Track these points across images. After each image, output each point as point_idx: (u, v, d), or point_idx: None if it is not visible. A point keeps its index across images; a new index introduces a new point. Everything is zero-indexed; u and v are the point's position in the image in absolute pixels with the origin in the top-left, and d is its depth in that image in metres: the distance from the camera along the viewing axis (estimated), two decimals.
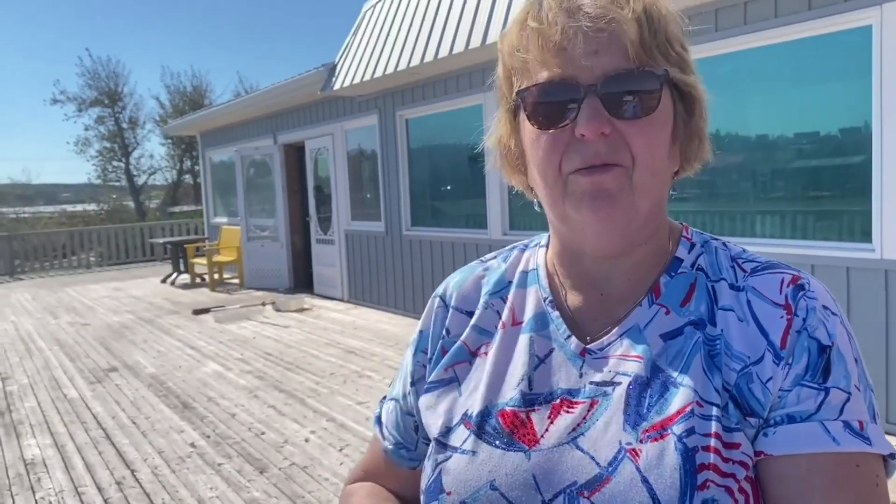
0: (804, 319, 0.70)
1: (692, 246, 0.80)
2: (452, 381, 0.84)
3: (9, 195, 36.22)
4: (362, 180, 9.81)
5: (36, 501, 3.89)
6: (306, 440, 4.60)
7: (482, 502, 0.73)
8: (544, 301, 0.83)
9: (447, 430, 0.80)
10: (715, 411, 0.68)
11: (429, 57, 7.05)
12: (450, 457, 0.77)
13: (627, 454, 0.69)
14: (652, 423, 0.69)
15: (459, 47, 6.61)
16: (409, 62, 7.33)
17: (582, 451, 0.71)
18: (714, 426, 0.67)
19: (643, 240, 0.77)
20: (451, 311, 0.89)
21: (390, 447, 0.92)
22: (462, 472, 0.75)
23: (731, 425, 0.68)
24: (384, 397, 0.97)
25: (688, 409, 0.68)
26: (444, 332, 0.88)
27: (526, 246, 0.92)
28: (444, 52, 6.82)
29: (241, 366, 6.70)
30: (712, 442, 0.67)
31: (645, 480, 0.67)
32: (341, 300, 10.21)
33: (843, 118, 4.47)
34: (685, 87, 0.73)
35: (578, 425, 0.73)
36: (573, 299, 0.81)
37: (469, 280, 0.91)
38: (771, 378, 0.69)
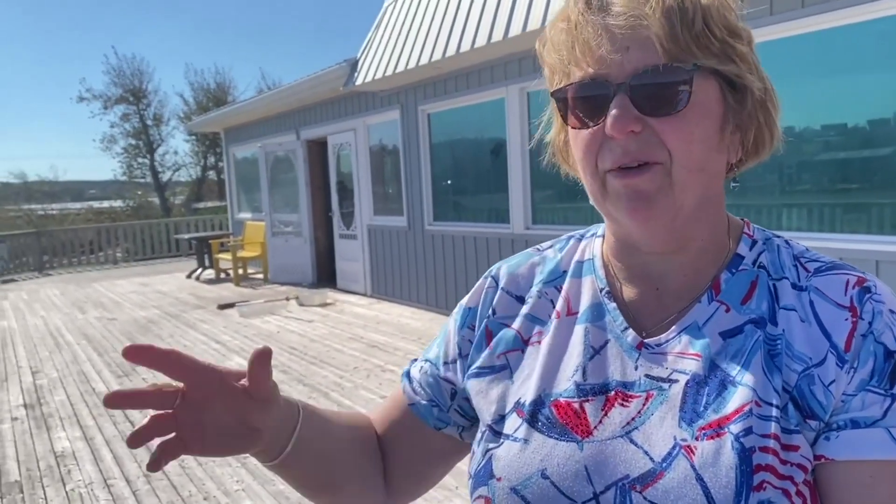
0: (870, 323, 0.69)
1: (754, 243, 0.78)
2: (504, 369, 0.83)
3: (37, 192, 36.77)
4: (384, 175, 9.83)
5: (66, 493, 3.95)
6: None
7: (532, 490, 0.73)
8: (601, 292, 0.82)
9: (500, 418, 0.80)
10: (774, 412, 0.67)
11: (450, 51, 7.04)
12: (501, 444, 0.78)
13: (682, 451, 0.68)
14: (708, 420, 0.68)
15: (481, 41, 6.60)
16: (431, 57, 7.33)
17: (636, 444, 0.71)
18: (773, 427, 0.66)
19: (697, 235, 0.76)
20: (499, 291, 0.89)
21: (423, 402, 0.91)
22: (513, 460, 0.75)
23: (790, 427, 0.67)
24: (415, 359, 0.96)
25: (746, 408, 0.67)
26: (490, 311, 0.88)
27: (582, 236, 0.90)
28: (465, 47, 6.82)
29: None
30: (770, 443, 0.65)
31: (699, 478, 0.66)
32: (364, 295, 10.25)
33: (872, 109, 4.40)
34: (734, 76, 0.71)
35: (633, 419, 0.72)
36: (628, 292, 0.80)
37: (523, 266, 0.90)
38: (833, 381, 0.67)
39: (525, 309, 0.86)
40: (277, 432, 0.78)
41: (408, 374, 0.95)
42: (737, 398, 0.68)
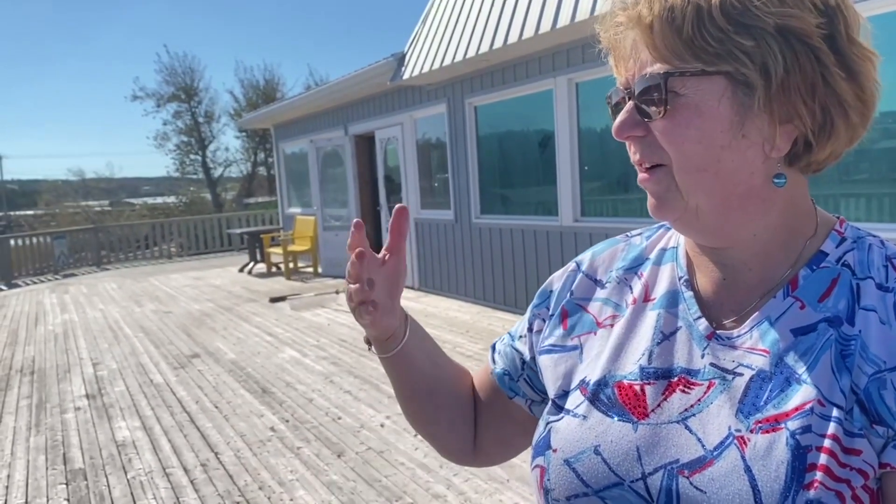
0: None
1: (842, 240, 0.76)
2: (575, 349, 0.87)
3: (94, 189, 37.86)
4: (431, 169, 9.86)
5: (128, 481, 4.08)
6: (382, 425, 4.69)
7: (584, 464, 0.76)
8: (679, 280, 0.82)
9: (564, 394, 0.84)
10: (836, 413, 0.65)
11: (498, 43, 7.02)
12: (561, 418, 0.82)
13: (735, 441, 0.68)
14: (766, 415, 0.68)
15: (529, 32, 6.56)
16: (479, 49, 7.32)
17: (690, 431, 0.72)
18: (832, 428, 0.65)
19: (744, 230, 0.74)
20: (580, 275, 0.93)
21: (498, 370, 0.99)
22: (571, 433, 0.79)
23: (853, 430, 0.65)
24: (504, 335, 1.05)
25: (807, 406, 0.66)
26: (568, 293, 0.92)
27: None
28: (513, 38, 6.78)
29: (317, 352, 6.86)
30: (827, 443, 0.64)
31: (748, 470, 0.66)
32: (412, 288, 10.31)
33: None
34: (739, 76, 0.67)
35: (692, 406, 0.73)
36: (703, 282, 0.81)
37: (607, 251, 0.94)
38: None
39: (602, 293, 0.89)
40: (400, 320, 0.94)
41: (494, 346, 1.04)
42: (799, 395, 0.67)
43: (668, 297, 0.82)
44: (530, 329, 0.96)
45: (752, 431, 0.68)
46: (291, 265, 12.44)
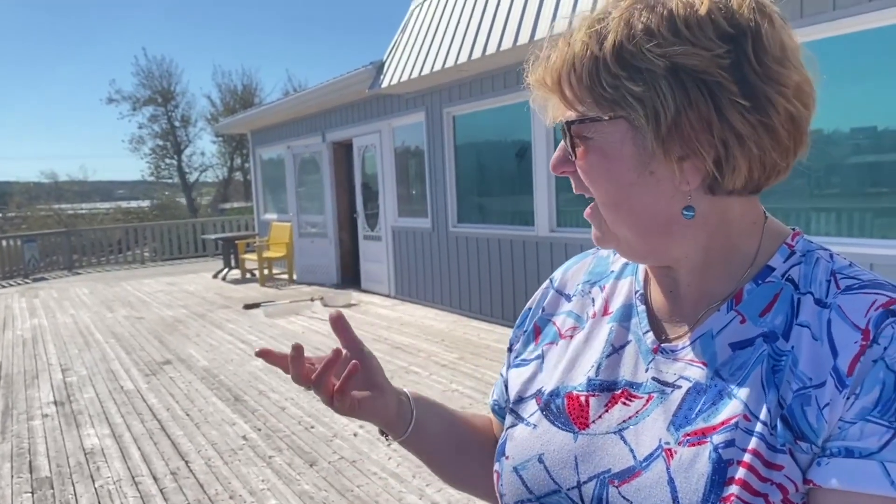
0: (885, 349, 0.64)
1: (791, 254, 0.75)
2: (538, 359, 0.91)
3: (67, 192, 37.32)
4: (409, 177, 9.86)
5: (96, 489, 4.01)
6: (355, 434, 4.66)
7: (529, 472, 0.80)
8: (635, 294, 0.85)
9: (519, 399, 0.88)
10: (760, 428, 0.66)
11: (476, 54, 7.05)
12: (517, 426, 0.86)
13: (663, 453, 0.71)
14: (695, 428, 0.70)
15: (507, 44, 6.60)
16: (457, 59, 7.35)
17: (624, 441, 0.75)
18: (754, 443, 0.66)
19: (675, 254, 0.76)
20: (552, 292, 0.96)
21: (490, 401, 1.03)
22: (521, 442, 0.83)
23: (776, 445, 0.65)
24: None
25: (733, 420, 0.68)
26: (540, 310, 0.96)
27: None
28: (491, 49, 6.82)
29: None
30: (747, 458, 0.65)
31: (671, 481, 0.68)
32: (388, 296, 10.28)
33: None
34: (634, 120, 0.69)
35: (630, 417, 0.76)
36: (655, 296, 0.83)
37: (576, 266, 0.97)
38: (828, 404, 0.64)
39: (568, 306, 0.92)
40: (398, 400, 0.92)
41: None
42: (728, 409, 0.69)
43: (623, 310, 0.85)
44: (510, 350, 0.98)
45: (679, 444, 0.70)
46: (266, 272, 12.36)
